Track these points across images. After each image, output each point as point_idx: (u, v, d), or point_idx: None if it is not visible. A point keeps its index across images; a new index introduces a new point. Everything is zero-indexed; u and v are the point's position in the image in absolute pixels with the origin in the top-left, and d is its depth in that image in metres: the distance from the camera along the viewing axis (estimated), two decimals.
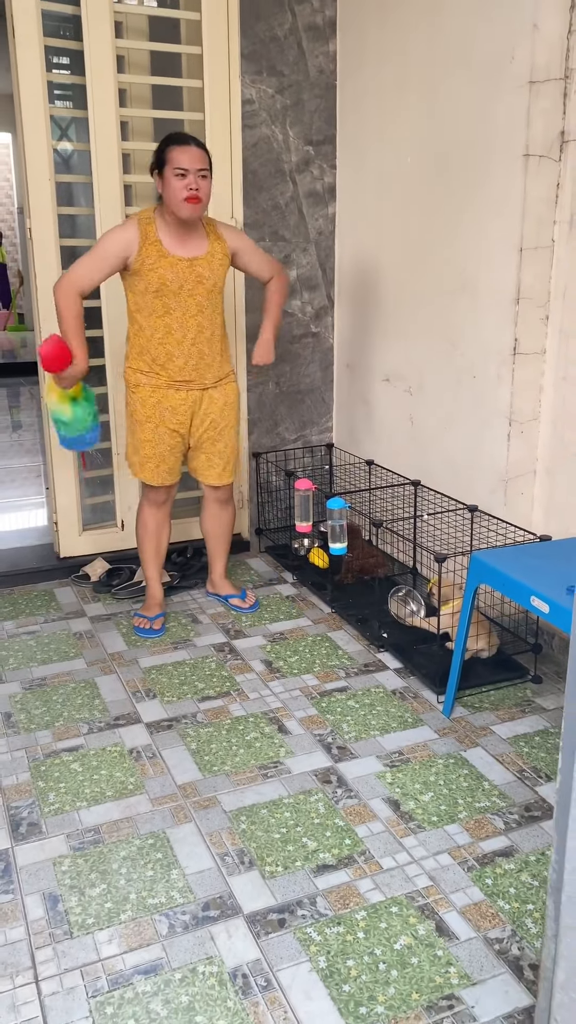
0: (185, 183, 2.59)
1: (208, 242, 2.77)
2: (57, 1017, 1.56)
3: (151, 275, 2.68)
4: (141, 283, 2.71)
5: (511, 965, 1.66)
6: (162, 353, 2.78)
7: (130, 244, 2.67)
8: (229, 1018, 1.55)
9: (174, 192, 2.61)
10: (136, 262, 2.68)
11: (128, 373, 2.86)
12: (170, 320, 2.74)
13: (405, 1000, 1.58)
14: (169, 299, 2.71)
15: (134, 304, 2.77)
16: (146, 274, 2.68)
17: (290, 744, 2.37)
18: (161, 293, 2.70)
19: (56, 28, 3.23)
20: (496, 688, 2.65)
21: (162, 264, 2.68)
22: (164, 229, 2.70)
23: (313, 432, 3.82)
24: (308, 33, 3.37)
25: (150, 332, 2.76)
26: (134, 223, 2.70)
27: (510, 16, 2.50)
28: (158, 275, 2.68)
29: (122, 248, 2.67)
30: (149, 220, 2.70)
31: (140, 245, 2.67)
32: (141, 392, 2.83)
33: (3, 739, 2.41)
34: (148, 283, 2.69)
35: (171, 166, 2.60)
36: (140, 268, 2.68)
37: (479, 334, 2.82)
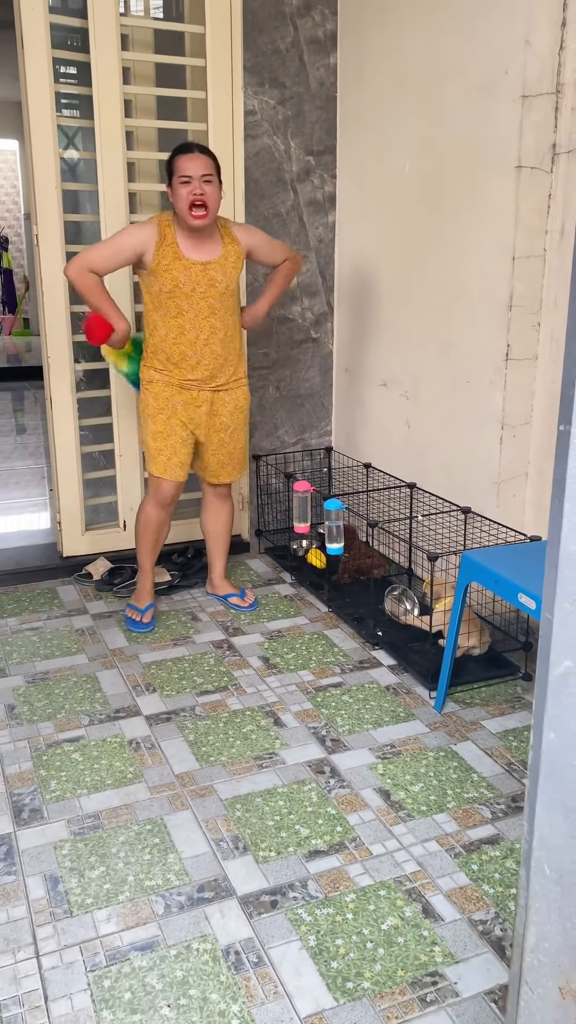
0: (190, 189, 2.67)
1: (222, 245, 2.85)
2: (57, 989, 1.62)
3: (165, 276, 2.76)
4: (156, 283, 2.79)
5: (493, 945, 1.72)
6: (176, 352, 2.86)
7: (146, 242, 2.75)
8: (221, 992, 1.62)
9: (181, 200, 2.70)
10: (153, 261, 2.76)
11: (143, 370, 2.95)
12: (183, 321, 2.82)
13: (391, 976, 1.65)
14: (182, 301, 2.80)
15: (151, 303, 2.85)
16: (161, 275, 2.76)
17: (285, 736, 2.44)
18: (174, 295, 2.79)
19: (63, 39, 3.31)
20: (487, 685, 2.72)
21: (176, 266, 2.76)
22: (181, 233, 2.79)
23: (312, 435, 3.89)
24: (309, 46, 3.45)
25: (164, 331, 2.85)
26: (154, 223, 2.78)
27: (504, 32, 2.58)
28: (172, 277, 2.76)
29: (139, 243, 2.75)
30: (168, 223, 2.79)
31: (157, 245, 2.75)
32: (155, 387, 2.91)
33: (6, 730, 2.48)
34: (162, 284, 2.78)
35: (177, 174, 2.69)
36: (156, 268, 2.76)
37: (473, 340, 2.89)
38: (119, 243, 2.76)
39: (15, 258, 12.48)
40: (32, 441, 6.34)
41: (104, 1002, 1.59)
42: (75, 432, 3.48)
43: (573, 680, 1.01)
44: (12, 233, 12.59)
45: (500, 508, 2.87)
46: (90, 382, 3.70)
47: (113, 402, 3.51)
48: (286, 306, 3.68)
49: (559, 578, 0.98)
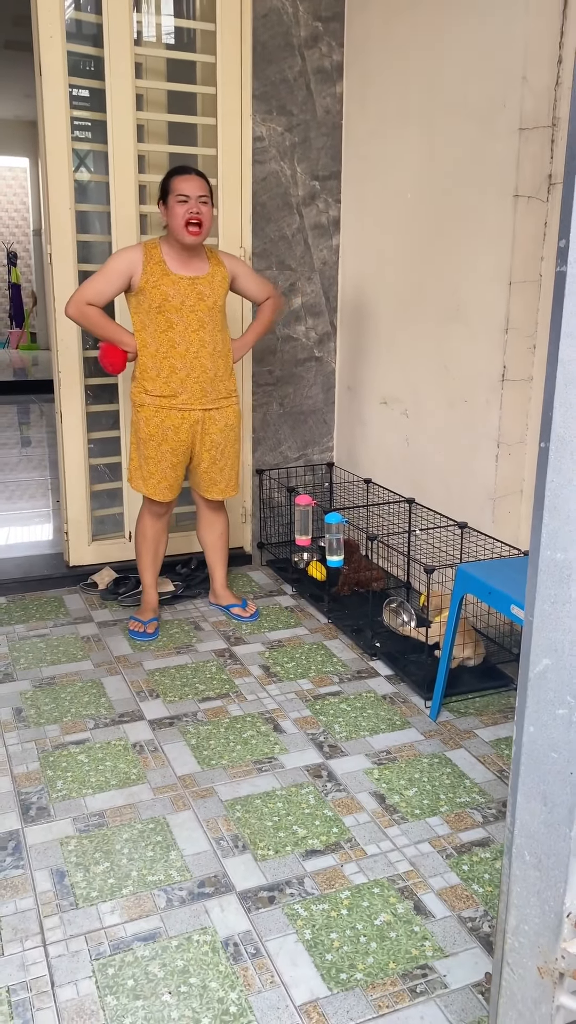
0: (187, 208, 2.81)
1: (209, 265, 2.98)
2: (63, 976, 1.70)
3: (154, 292, 2.88)
4: (145, 301, 2.90)
5: (482, 941, 1.79)
6: (166, 367, 2.96)
7: (134, 263, 2.88)
8: (220, 980, 1.69)
9: (176, 218, 2.83)
10: (141, 280, 2.88)
11: (134, 392, 3.04)
12: (173, 335, 2.93)
13: (383, 968, 1.72)
14: (172, 314, 2.90)
15: (139, 323, 2.96)
16: (150, 291, 2.88)
17: (284, 742, 2.52)
18: (164, 309, 2.90)
19: (77, 63, 3.43)
20: (481, 695, 2.79)
21: (164, 282, 2.88)
22: (168, 252, 2.92)
23: (315, 451, 3.99)
24: (316, 76, 3.58)
25: (155, 347, 2.95)
26: (140, 246, 2.93)
27: (502, 68, 2.70)
28: (161, 291, 2.88)
29: (127, 266, 2.88)
30: (154, 244, 2.93)
31: (144, 264, 2.88)
32: (145, 411, 3.01)
33: (14, 732, 2.56)
34: (152, 300, 2.89)
35: (174, 194, 2.82)
36: (144, 286, 2.88)
37: (470, 361, 2.99)
38: (107, 270, 2.89)
39: (23, 273, 12.65)
40: (37, 454, 6.44)
41: (108, 988, 1.67)
42: (83, 445, 3.58)
43: (551, 677, 1.09)
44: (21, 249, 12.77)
45: (495, 523, 2.96)
46: (98, 397, 3.81)
47: (120, 416, 3.61)
48: (290, 325, 3.78)
49: (538, 582, 1.07)
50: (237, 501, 3.91)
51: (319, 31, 3.53)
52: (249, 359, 3.73)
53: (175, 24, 3.71)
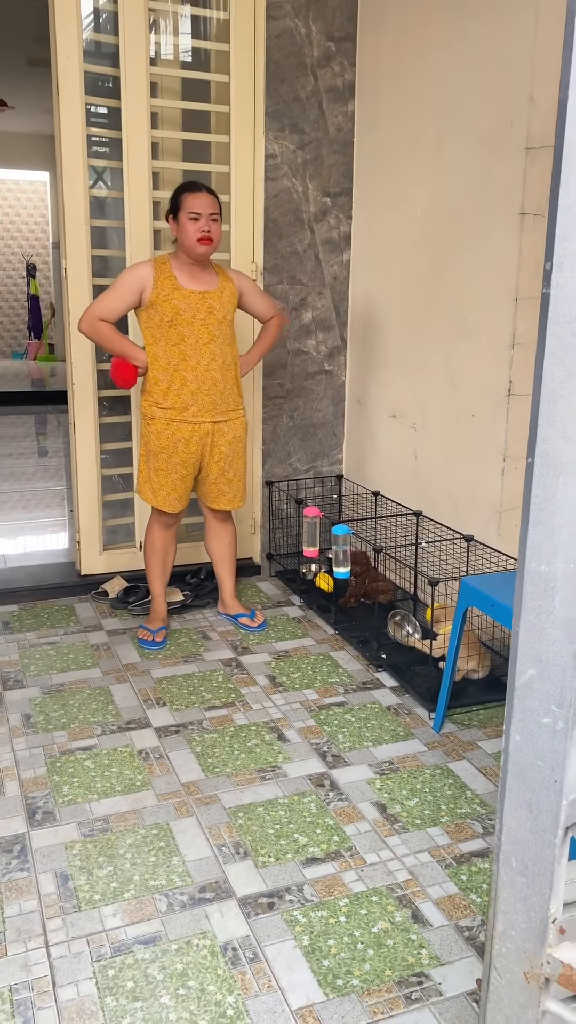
0: (198, 225, 2.88)
1: (219, 280, 3.05)
2: (64, 977, 1.73)
3: (165, 305, 2.93)
4: (156, 315, 2.96)
5: (478, 950, 1.81)
6: (177, 379, 3.01)
7: (145, 278, 2.94)
8: (218, 984, 1.72)
9: (188, 234, 2.89)
10: (152, 295, 2.94)
11: (145, 405, 3.09)
12: (185, 348, 2.98)
13: (379, 975, 1.74)
14: (183, 327, 2.96)
15: (150, 337, 3.01)
16: (161, 305, 2.93)
17: (288, 751, 2.55)
18: (175, 322, 2.95)
19: (96, 82, 3.51)
20: (485, 708, 2.81)
21: (175, 296, 2.93)
22: (178, 268, 2.98)
23: (324, 463, 4.03)
24: (328, 95, 3.64)
25: (166, 360, 3.00)
26: (150, 262, 3.00)
27: (510, 88, 2.74)
28: (172, 305, 2.93)
29: (138, 281, 2.94)
30: (164, 260, 2.99)
31: (155, 279, 2.94)
32: (156, 424, 3.05)
33: (23, 737, 2.60)
34: (163, 314, 2.94)
35: (185, 211, 2.88)
36: (155, 300, 2.93)
37: (477, 376, 3.03)
38: (119, 287, 2.95)
39: (42, 285, 12.81)
40: (53, 464, 6.51)
41: (108, 989, 1.70)
42: (96, 456, 3.63)
43: (536, 687, 1.12)
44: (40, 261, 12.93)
45: (501, 536, 2.98)
46: (111, 408, 3.87)
47: (133, 428, 3.67)
48: (301, 339, 3.83)
49: (524, 593, 1.10)
50: (246, 512, 3.95)
51: (331, 51, 3.59)
52: (260, 372, 3.78)
53: (190, 44, 3.78)
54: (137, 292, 2.95)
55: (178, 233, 2.93)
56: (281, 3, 3.46)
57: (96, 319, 2.93)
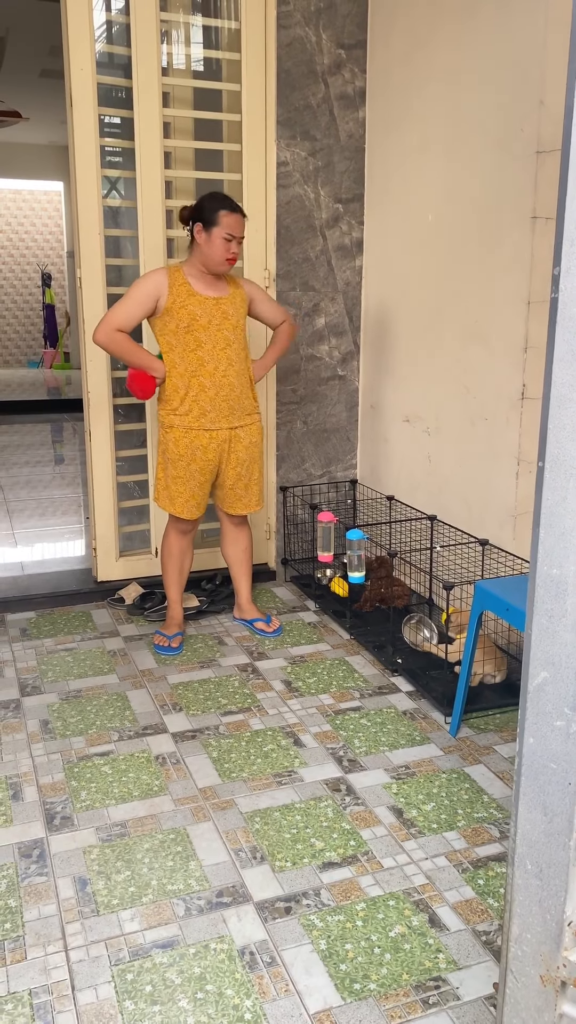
0: (229, 246, 2.92)
1: (230, 287, 3.07)
2: (83, 980, 1.74)
3: (182, 312, 2.95)
4: (172, 322, 2.97)
5: (495, 954, 1.81)
6: (195, 386, 3.02)
7: (160, 286, 2.95)
8: (236, 988, 1.72)
9: (218, 251, 2.91)
10: (168, 301, 2.95)
11: (162, 414, 3.10)
12: (202, 353, 3.00)
13: (396, 980, 1.74)
14: (200, 333, 2.98)
15: (166, 344, 3.02)
16: (177, 311, 2.95)
17: (304, 756, 2.55)
18: (192, 328, 2.97)
19: (109, 92, 3.54)
20: (502, 712, 2.81)
21: (192, 302, 2.95)
22: (192, 275, 2.99)
23: (338, 468, 4.03)
24: (339, 102, 3.65)
25: (183, 367, 3.01)
26: (163, 270, 3.00)
27: (520, 93, 2.75)
28: (188, 311, 2.95)
29: (154, 288, 2.94)
30: (177, 268, 3.00)
31: (170, 287, 2.95)
32: (175, 432, 3.07)
33: (41, 743, 2.62)
34: (179, 320, 2.96)
35: (222, 228, 2.90)
36: (171, 307, 2.95)
37: (491, 380, 3.03)
38: (135, 295, 2.94)
39: (57, 294, 12.91)
40: (70, 471, 6.56)
41: (127, 993, 1.71)
42: (111, 463, 3.66)
43: (549, 689, 1.12)
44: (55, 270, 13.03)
45: (516, 540, 2.98)
46: (127, 415, 3.89)
47: (148, 434, 3.69)
48: (314, 345, 3.84)
49: (536, 597, 1.10)
50: (261, 518, 3.96)
51: (342, 58, 3.61)
52: (273, 378, 3.80)
53: (202, 55, 3.81)
54: (153, 299, 2.96)
55: (205, 245, 2.93)
56: (292, 12, 3.49)
57: (113, 329, 2.93)
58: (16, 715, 2.79)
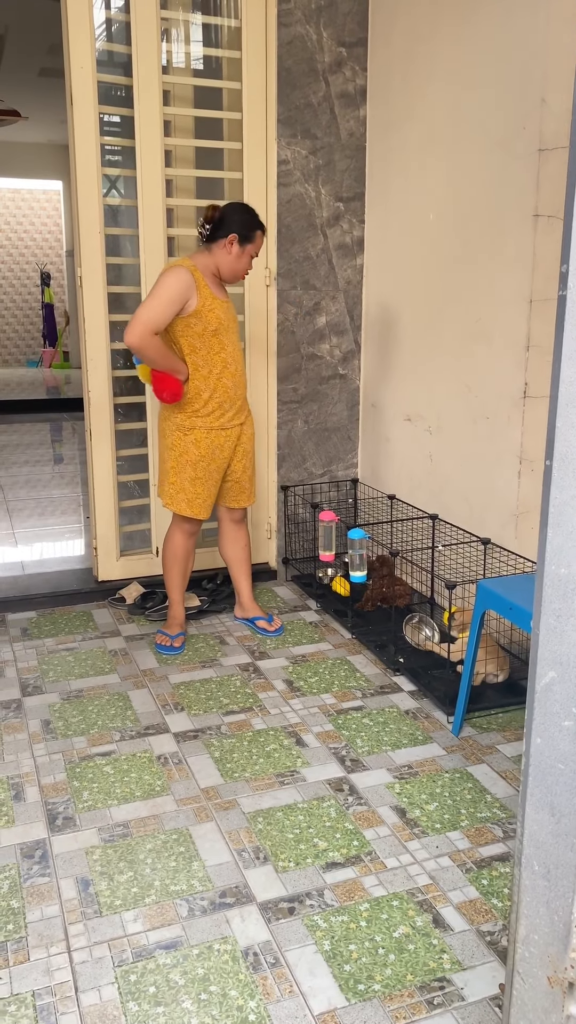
0: (251, 264, 3.00)
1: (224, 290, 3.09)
2: (86, 982, 1.73)
3: (210, 316, 2.94)
4: (200, 324, 2.94)
5: (500, 954, 1.80)
6: (219, 387, 3.02)
7: (191, 287, 2.89)
8: (240, 989, 1.72)
9: (243, 267, 2.99)
10: (197, 303, 2.91)
11: (182, 417, 3.04)
12: (225, 356, 3.02)
13: (400, 980, 1.74)
14: (223, 336, 2.99)
15: (189, 346, 2.97)
16: (206, 315, 2.93)
17: (306, 755, 2.54)
18: (219, 332, 2.97)
19: (109, 91, 3.53)
20: (504, 711, 2.80)
21: (215, 305, 2.96)
22: (207, 277, 2.98)
23: (339, 467, 4.03)
24: (340, 100, 3.65)
25: (207, 370, 3.00)
26: (187, 268, 2.91)
27: (522, 91, 2.74)
28: (216, 315, 2.95)
29: (187, 289, 2.87)
30: (195, 267, 2.95)
31: (198, 288, 2.91)
32: (196, 434, 3.05)
33: (42, 743, 2.62)
34: (207, 323, 2.94)
35: (254, 247, 2.96)
36: (201, 309, 2.92)
37: (493, 378, 3.02)
38: (169, 295, 2.84)
39: (56, 293, 12.90)
40: (69, 471, 6.55)
41: (130, 994, 1.70)
42: (112, 463, 3.65)
43: (557, 689, 1.12)
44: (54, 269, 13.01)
45: (519, 539, 2.97)
46: (127, 415, 3.88)
47: (148, 434, 3.68)
48: (315, 344, 3.83)
49: (544, 596, 1.10)
50: (262, 517, 3.96)
51: (343, 56, 3.60)
52: (274, 377, 3.79)
53: (202, 52, 3.80)
54: (184, 300, 2.88)
55: (233, 258, 2.94)
56: (292, 10, 3.48)
57: (150, 333, 2.81)
58: (17, 715, 2.78)
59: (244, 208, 2.96)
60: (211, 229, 2.94)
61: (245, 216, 2.93)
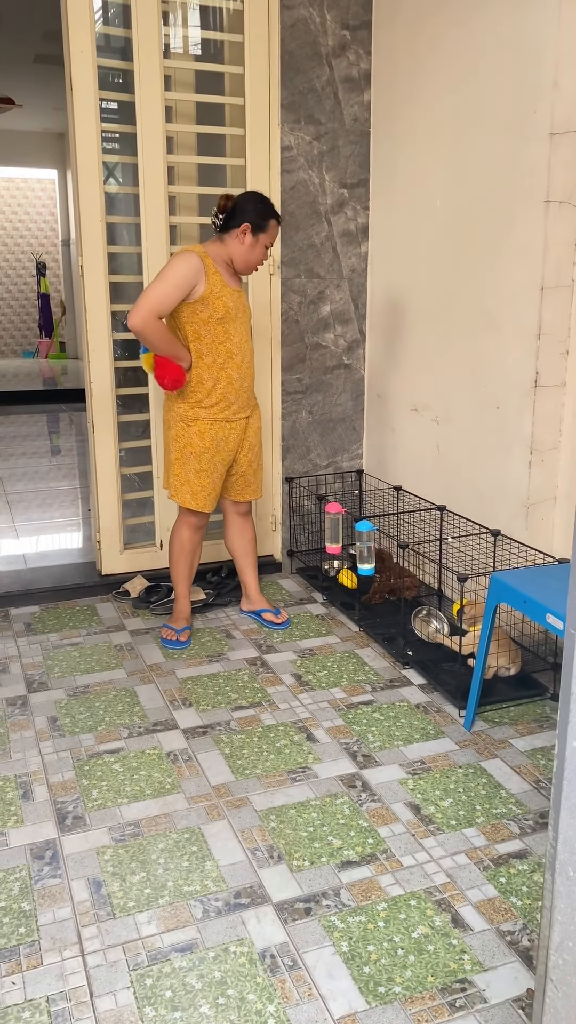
0: (265, 254, 2.95)
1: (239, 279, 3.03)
2: (101, 986, 1.70)
3: (217, 303, 2.88)
4: (206, 311, 2.89)
5: (521, 955, 1.77)
6: (223, 377, 2.97)
7: (199, 272, 2.84)
8: (258, 992, 1.69)
9: (257, 257, 2.93)
10: (205, 290, 2.85)
11: (184, 408, 2.99)
12: (231, 345, 2.96)
13: (421, 982, 1.71)
14: (230, 325, 2.93)
15: (193, 333, 2.92)
16: (213, 302, 2.88)
17: (318, 751, 2.51)
18: (225, 320, 2.91)
19: (106, 76, 3.46)
20: (516, 704, 2.77)
21: (224, 293, 2.90)
22: (219, 264, 2.92)
23: (344, 458, 3.98)
24: (344, 85, 3.58)
25: (211, 358, 2.95)
26: (196, 254, 2.86)
27: (532, 74, 2.68)
28: (223, 303, 2.89)
29: (194, 274, 2.82)
30: (206, 254, 2.89)
31: (207, 274, 2.86)
32: (199, 425, 3.00)
33: (49, 741, 2.58)
34: (214, 310, 2.89)
35: (268, 237, 2.91)
36: (208, 296, 2.86)
37: (503, 367, 2.97)
38: (176, 279, 2.80)
39: (52, 283, 12.79)
40: (66, 462, 6.50)
41: (147, 999, 1.67)
42: (115, 455, 3.60)
43: None
44: (50, 259, 12.90)
45: (529, 531, 2.93)
46: (129, 406, 3.83)
47: (152, 426, 3.63)
48: (319, 333, 3.78)
49: None
50: (267, 509, 3.91)
51: (346, 40, 3.54)
52: (278, 367, 3.74)
53: (203, 36, 3.73)
54: (191, 285, 2.83)
55: (246, 248, 2.88)
56: None
57: (153, 315, 2.78)
58: (23, 712, 2.74)
59: (259, 198, 2.90)
60: (225, 219, 2.88)
61: (259, 206, 2.88)
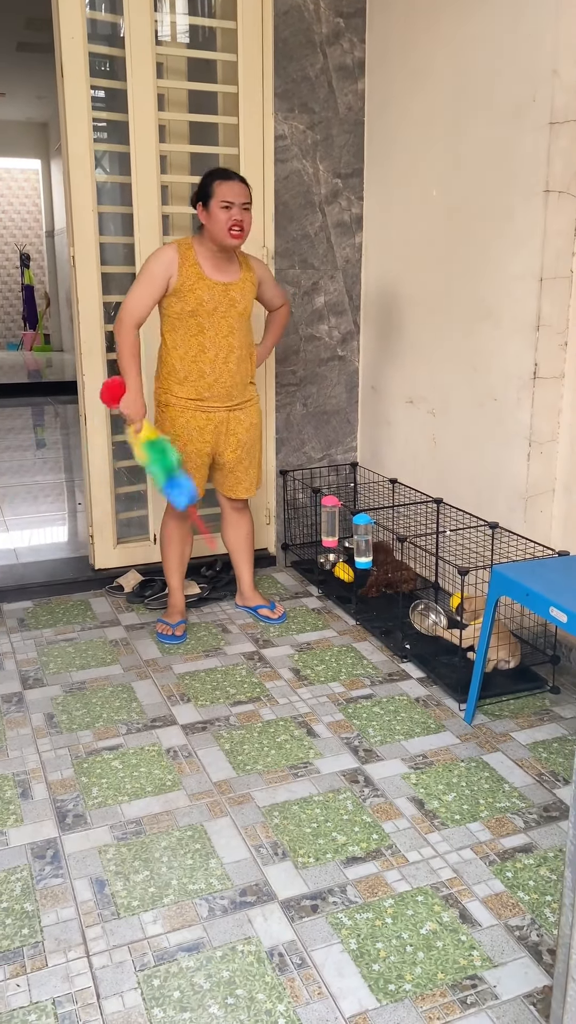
0: (230, 214, 2.77)
1: (241, 270, 2.95)
2: (108, 988, 1.68)
3: (189, 296, 2.84)
4: (178, 304, 2.87)
5: (530, 950, 1.76)
6: (194, 371, 2.93)
7: (170, 265, 2.83)
8: (267, 992, 1.67)
9: (219, 223, 2.78)
10: (177, 282, 2.84)
11: (158, 392, 3.02)
12: (203, 339, 2.90)
13: (431, 979, 1.69)
14: (204, 319, 2.88)
15: (168, 325, 2.93)
16: (185, 294, 2.84)
17: (319, 746, 2.49)
18: (196, 313, 2.87)
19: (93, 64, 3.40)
20: (516, 697, 2.76)
21: (200, 286, 2.84)
22: (203, 255, 2.87)
23: (338, 451, 3.96)
24: (338, 73, 3.55)
25: (183, 351, 2.92)
26: (173, 247, 2.87)
27: (532, 61, 2.66)
28: (196, 296, 2.84)
29: (165, 268, 2.83)
30: (188, 246, 2.87)
31: (180, 266, 2.83)
32: (171, 411, 2.98)
33: (47, 738, 2.55)
34: (185, 303, 2.85)
35: (217, 199, 2.77)
36: (180, 288, 2.84)
37: (500, 359, 2.96)
38: (146, 278, 2.83)
39: (36, 275, 12.67)
40: (52, 456, 6.44)
41: (154, 1000, 1.65)
42: (108, 449, 3.56)
43: None
44: (34, 251, 12.78)
45: (527, 523, 2.92)
46: None
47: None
48: (313, 325, 3.75)
49: None
50: (261, 502, 3.89)
51: (341, 27, 3.50)
52: (272, 359, 3.71)
53: (195, 23, 3.68)
54: (164, 279, 2.84)
55: (207, 222, 2.82)
56: None
57: (132, 326, 2.83)
58: (19, 709, 2.71)
59: (205, 173, 2.86)
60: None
61: (203, 179, 2.84)
